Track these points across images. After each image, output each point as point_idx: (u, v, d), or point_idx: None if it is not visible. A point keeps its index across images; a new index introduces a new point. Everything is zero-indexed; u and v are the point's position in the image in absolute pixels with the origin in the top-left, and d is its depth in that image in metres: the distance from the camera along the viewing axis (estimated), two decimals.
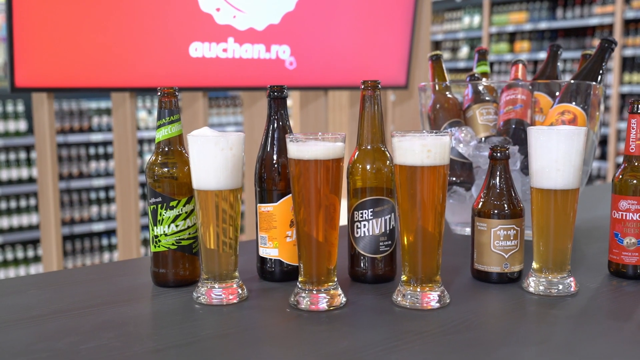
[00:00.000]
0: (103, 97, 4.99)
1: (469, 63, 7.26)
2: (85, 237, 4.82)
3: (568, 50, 6.39)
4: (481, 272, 1.15)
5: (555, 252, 1.09)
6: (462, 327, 0.95)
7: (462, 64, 7.33)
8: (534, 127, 1.08)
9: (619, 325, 0.96)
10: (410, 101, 3.02)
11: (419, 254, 1.03)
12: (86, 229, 4.74)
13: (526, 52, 6.72)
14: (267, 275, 1.17)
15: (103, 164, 4.89)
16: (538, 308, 1.04)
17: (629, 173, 1.14)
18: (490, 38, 7.05)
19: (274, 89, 1.15)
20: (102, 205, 4.91)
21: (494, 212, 1.13)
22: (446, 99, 1.52)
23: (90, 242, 4.90)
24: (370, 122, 1.14)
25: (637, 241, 1.14)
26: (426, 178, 1.00)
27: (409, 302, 1.03)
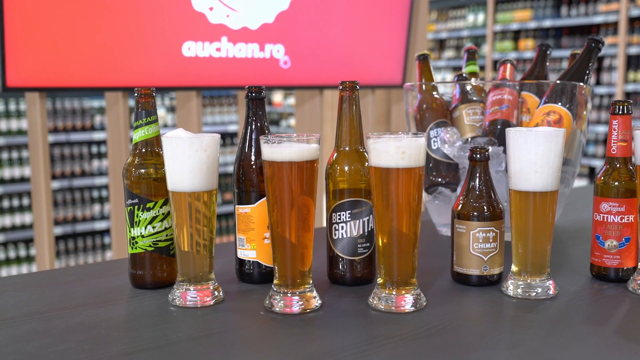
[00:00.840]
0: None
1: None
2: (88, 236, 4.83)
3: (573, 48, 6.36)
4: (461, 274, 1.14)
5: (534, 255, 1.08)
6: (435, 331, 0.94)
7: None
8: (512, 129, 1.07)
9: (594, 329, 0.95)
10: None
11: (394, 257, 1.02)
12: (88, 228, 4.76)
13: (530, 50, 6.69)
14: (246, 277, 1.17)
15: (105, 162, 4.90)
16: (515, 312, 1.03)
17: (610, 175, 1.13)
18: (494, 36, 7.02)
19: (252, 89, 1.14)
20: (104, 203, 4.92)
21: (473, 214, 1.12)
22: (433, 99, 1.51)
23: (93, 240, 4.91)
24: (348, 124, 1.13)
25: (618, 244, 1.13)
26: (401, 180, 0.99)
27: (384, 305, 1.02)
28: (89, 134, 4.77)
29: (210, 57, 2.43)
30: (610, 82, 6.03)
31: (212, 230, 1.06)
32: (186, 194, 1.03)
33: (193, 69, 2.42)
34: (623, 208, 1.11)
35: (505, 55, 6.87)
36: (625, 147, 1.12)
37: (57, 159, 4.66)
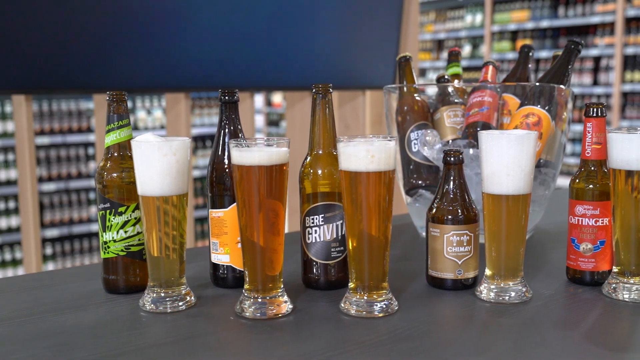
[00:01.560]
0: None
1: (471, 62, 7.22)
2: (84, 238, 4.82)
3: None
4: (435, 278, 1.14)
5: (507, 258, 1.07)
6: (404, 336, 0.93)
7: (464, 63, 7.28)
8: (484, 132, 1.06)
9: (564, 334, 0.94)
10: None
11: (364, 261, 1.02)
12: (85, 230, 4.75)
13: None
14: (220, 281, 1.16)
15: None
16: (487, 316, 1.02)
17: (585, 178, 1.12)
18: (492, 37, 7.01)
19: (225, 93, 1.14)
20: None
21: (446, 218, 1.11)
22: (414, 102, 1.50)
23: (89, 242, 4.91)
24: (321, 127, 1.12)
25: (593, 247, 1.12)
26: (370, 183, 0.99)
27: (355, 310, 1.02)
28: (85, 136, 4.77)
29: (198, 58, 2.43)
30: (608, 82, 6.02)
31: (182, 235, 1.05)
32: (155, 198, 1.02)
33: (180, 70, 2.41)
34: (597, 211, 1.11)
35: (504, 55, 6.86)
36: (599, 149, 1.11)
37: (53, 161, 4.66)
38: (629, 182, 1.04)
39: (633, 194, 1.04)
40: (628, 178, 1.04)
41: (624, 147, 1.04)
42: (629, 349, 0.89)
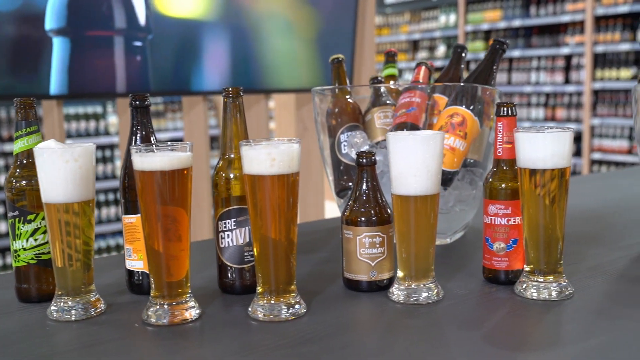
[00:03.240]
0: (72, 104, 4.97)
1: (446, 62, 7.22)
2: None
3: (543, 47, 6.38)
4: (350, 280, 1.13)
5: (418, 259, 1.07)
6: (307, 339, 0.93)
7: (439, 63, 7.31)
8: (391, 133, 1.06)
9: (467, 334, 0.94)
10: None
11: (270, 264, 1.01)
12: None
13: None
14: (135, 288, 1.15)
15: None
16: (394, 317, 1.02)
17: (497, 177, 1.12)
18: (466, 36, 7.04)
19: (135, 98, 1.13)
20: None
21: (359, 220, 1.11)
22: (345, 103, 1.50)
23: None
24: (232, 130, 1.12)
25: (506, 246, 1.12)
26: (272, 187, 0.98)
27: (263, 314, 1.01)
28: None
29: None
30: (579, 80, 6.05)
31: (88, 242, 1.04)
32: (58, 206, 1.01)
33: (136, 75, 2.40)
34: (509, 210, 1.11)
35: (477, 55, 6.88)
36: (510, 148, 1.11)
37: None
38: (533, 181, 1.04)
39: (537, 192, 1.04)
40: (532, 177, 1.04)
41: (529, 146, 1.04)
42: (524, 349, 0.89)
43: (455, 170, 1.35)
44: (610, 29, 5.80)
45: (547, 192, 1.04)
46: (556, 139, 1.03)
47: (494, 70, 1.41)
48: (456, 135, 1.34)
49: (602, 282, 1.14)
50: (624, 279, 1.15)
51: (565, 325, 0.97)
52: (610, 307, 1.02)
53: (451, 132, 1.34)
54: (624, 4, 5.58)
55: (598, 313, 1.00)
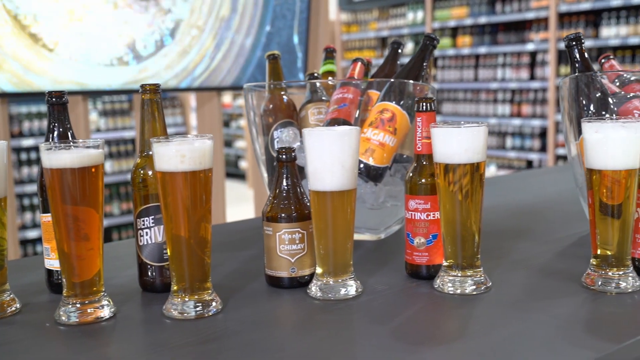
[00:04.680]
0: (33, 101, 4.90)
1: None
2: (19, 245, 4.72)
3: (509, 44, 6.43)
4: (272, 277, 1.13)
5: (336, 255, 1.07)
6: (214, 337, 0.92)
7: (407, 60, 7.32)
8: (306, 129, 1.06)
9: (376, 329, 0.94)
10: None
11: (184, 263, 1.00)
12: (20, 236, 4.65)
13: (468, 47, 6.75)
14: (54, 287, 1.14)
15: (35, 169, 4.81)
16: (309, 314, 1.02)
17: (417, 172, 1.13)
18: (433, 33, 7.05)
19: (52, 94, 1.11)
20: (36, 211, 4.83)
21: (278, 216, 1.10)
22: (280, 100, 1.50)
23: (24, 249, 4.81)
24: (150, 127, 1.11)
25: (426, 241, 1.12)
26: (182, 184, 0.98)
27: (176, 312, 1.00)
28: (17, 141, 4.68)
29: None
30: (544, 76, 6.11)
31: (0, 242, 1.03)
32: None
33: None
34: (428, 205, 1.11)
35: (444, 52, 6.92)
36: (429, 144, 1.11)
37: None
38: (448, 177, 1.04)
39: (451, 188, 1.04)
40: (446, 172, 1.05)
41: (444, 141, 1.05)
42: (429, 343, 0.89)
43: (385, 165, 1.35)
44: (574, 25, 5.86)
45: (461, 186, 1.04)
46: (470, 133, 1.03)
47: (424, 66, 1.41)
48: (386, 131, 1.34)
49: (522, 276, 1.15)
50: (544, 272, 1.16)
51: (476, 319, 0.97)
52: (523, 301, 1.03)
53: (381, 128, 1.34)
54: (586, 1, 5.64)
55: (511, 306, 1.00)
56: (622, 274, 1.05)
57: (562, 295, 1.05)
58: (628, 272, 1.05)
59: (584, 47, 1.27)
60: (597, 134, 1.02)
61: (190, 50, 2.64)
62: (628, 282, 1.04)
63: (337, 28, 8.14)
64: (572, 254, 1.25)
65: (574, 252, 1.27)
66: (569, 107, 1.28)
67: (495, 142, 6.63)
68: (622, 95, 1.28)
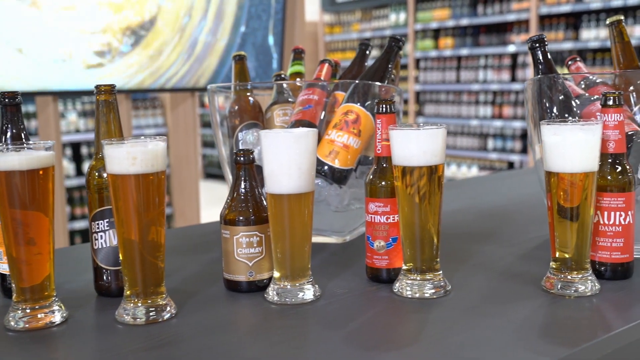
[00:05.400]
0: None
1: None
2: None
3: (490, 45, 6.45)
4: (230, 281, 1.11)
5: (293, 259, 1.05)
6: (165, 343, 0.91)
7: None
8: (263, 131, 1.04)
9: (330, 334, 0.92)
10: None
11: (136, 267, 0.98)
12: None
13: (450, 49, 6.76)
14: (7, 292, 1.11)
15: None
16: (264, 318, 1.00)
17: (377, 175, 1.11)
18: (415, 35, 7.08)
19: (4, 95, 1.09)
20: None
21: (236, 219, 1.09)
22: (245, 101, 1.48)
23: None
24: (105, 129, 1.09)
25: (386, 244, 1.11)
26: (134, 186, 0.96)
27: (128, 317, 0.98)
28: None
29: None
30: (525, 78, 6.13)
31: None
32: None
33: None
34: (388, 208, 1.10)
35: (427, 53, 6.93)
36: (389, 146, 1.10)
37: None
38: (406, 179, 1.03)
39: (409, 190, 1.03)
40: (405, 175, 1.03)
41: (401, 143, 1.03)
42: (382, 348, 0.88)
43: (349, 168, 1.34)
44: (554, 27, 5.89)
45: (419, 189, 1.03)
46: (428, 136, 1.02)
47: (389, 68, 1.40)
48: (350, 133, 1.33)
49: (483, 279, 1.14)
50: (505, 275, 1.15)
51: (432, 323, 0.96)
52: (481, 305, 1.02)
53: (345, 130, 1.33)
54: (567, 4, 5.67)
55: (469, 311, 0.99)
56: (581, 277, 1.04)
57: (521, 299, 1.04)
58: (587, 275, 1.04)
59: (547, 49, 1.26)
60: (555, 137, 1.01)
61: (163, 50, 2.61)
62: (587, 285, 1.04)
63: (320, 29, 8.13)
64: (535, 257, 1.25)
65: (538, 255, 1.26)
66: (533, 109, 1.27)
67: (476, 143, 6.65)
68: (585, 98, 1.28)
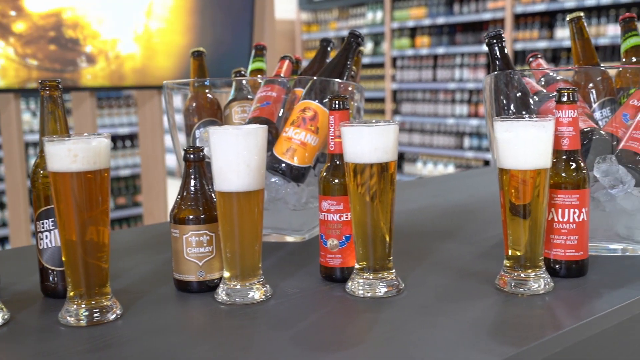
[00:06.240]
0: None
1: (374, 59, 7.27)
2: None
3: (466, 44, 6.46)
4: (180, 281, 1.09)
5: (243, 258, 1.03)
6: (106, 345, 0.88)
7: (367, 60, 7.34)
8: (211, 128, 1.02)
9: (276, 335, 0.90)
10: None
11: (79, 267, 0.96)
12: None
13: (426, 47, 6.77)
14: None
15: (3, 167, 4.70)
16: (212, 319, 0.98)
17: (330, 172, 1.10)
18: (392, 33, 7.08)
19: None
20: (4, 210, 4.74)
21: (185, 218, 1.06)
22: (203, 98, 1.46)
23: None
24: (50, 125, 1.06)
25: (339, 243, 1.09)
26: (75, 184, 0.93)
27: (71, 319, 0.96)
28: None
29: None
30: None
31: None
32: None
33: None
34: (341, 206, 1.08)
35: (403, 52, 6.93)
36: (342, 143, 1.08)
37: None
38: (356, 177, 1.02)
39: (359, 189, 1.02)
40: (356, 172, 1.02)
41: (351, 140, 1.02)
42: (328, 349, 0.86)
43: (307, 165, 1.32)
44: (529, 26, 5.92)
45: (369, 187, 1.01)
46: (379, 132, 1.01)
47: (348, 64, 1.38)
48: (308, 130, 1.31)
49: (439, 277, 1.13)
50: (461, 274, 1.14)
51: (382, 323, 0.94)
52: (434, 304, 1.01)
53: (302, 127, 1.31)
54: (541, 3, 5.69)
55: (420, 310, 0.98)
56: (535, 275, 1.03)
57: (474, 297, 1.03)
58: (540, 273, 1.03)
59: (505, 44, 1.25)
60: (507, 133, 1.00)
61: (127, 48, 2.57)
62: (540, 283, 1.03)
63: (297, 27, 8.11)
64: (493, 255, 1.24)
65: (497, 254, 1.25)
66: (490, 106, 1.26)
67: (453, 142, 6.67)
68: (544, 94, 1.27)
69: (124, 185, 5.77)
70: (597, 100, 1.32)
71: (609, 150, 1.19)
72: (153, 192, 2.75)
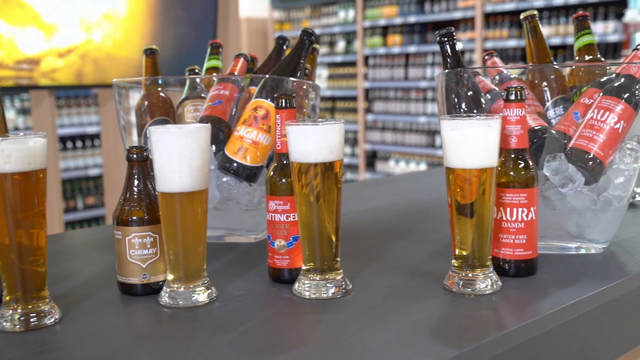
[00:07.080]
0: None
1: (346, 57, 7.26)
2: None
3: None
4: (123, 284, 1.06)
5: (186, 260, 1.01)
6: (43, 350, 0.86)
7: (339, 58, 7.33)
8: (152, 127, 1.00)
9: (216, 339, 0.88)
10: None
11: (14, 271, 0.93)
12: None
13: (398, 46, 6.78)
14: None
15: None
16: (152, 323, 0.96)
17: (277, 172, 1.08)
18: (364, 32, 7.07)
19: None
20: None
21: (128, 219, 1.04)
22: (156, 97, 1.43)
23: None
24: None
25: (286, 243, 1.08)
26: (9, 186, 0.90)
27: (7, 324, 0.93)
28: None
29: None
30: None
31: None
32: None
33: None
34: (288, 206, 1.07)
35: (375, 51, 6.93)
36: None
37: None
38: (301, 177, 1.00)
39: (304, 190, 1.00)
40: (301, 172, 1.00)
41: (296, 139, 1.00)
42: (267, 353, 0.84)
43: (259, 165, 1.30)
44: (499, 25, 5.95)
45: (313, 187, 1.00)
46: (324, 132, 0.99)
47: (301, 62, 1.37)
48: (259, 129, 1.29)
49: (388, 278, 1.12)
50: (412, 274, 1.13)
51: (326, 325, 0.93)
52: (381, 305, 0.99)
53: (254, 126, 1.29)
54: (511, 2, 5.73)
55: (367, 311, 0.97)
56: (482, 275, 1.02)
57: (421, 298, 1.02)
58: (488, 272, 1.03)
59: (456, 42, 1.24)
60: (453, 132, 0.99)
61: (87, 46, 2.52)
62: (487, 283, 1.02)
63: (270, 26, 8.07)
64: (446, 255, 1.23)
65: (449, 253, 1.24)
66: (442, 105, 1.25)
67: (424, 140, 6.69)
68: (496, 93, 1.27)
69: (93, 185, 5.71)
70: (550, 98, 1.32)
71: (559, 148, 1.19)
72: (116, 192, 2.71)
